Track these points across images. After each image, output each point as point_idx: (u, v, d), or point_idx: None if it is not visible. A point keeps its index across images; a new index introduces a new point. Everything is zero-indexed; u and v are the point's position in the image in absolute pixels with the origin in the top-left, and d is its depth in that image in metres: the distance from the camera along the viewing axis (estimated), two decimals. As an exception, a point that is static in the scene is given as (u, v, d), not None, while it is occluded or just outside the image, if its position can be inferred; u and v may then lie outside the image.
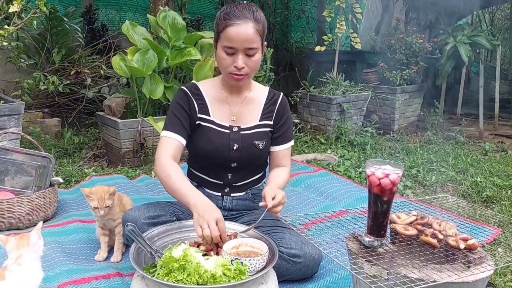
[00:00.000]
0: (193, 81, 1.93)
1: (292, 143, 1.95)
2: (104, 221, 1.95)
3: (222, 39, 1.68)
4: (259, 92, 1.91)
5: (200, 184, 1.94)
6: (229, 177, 1.88)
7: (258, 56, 1.72)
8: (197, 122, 1.83)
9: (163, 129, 1.80)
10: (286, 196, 1.65)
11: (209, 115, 1.83)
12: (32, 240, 1.50)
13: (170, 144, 1.75)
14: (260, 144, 1.85)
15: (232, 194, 1.91)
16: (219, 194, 1.91)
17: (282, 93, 1.95)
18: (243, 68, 1.70)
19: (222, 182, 1.89)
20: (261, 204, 1.63)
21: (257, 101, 1.89)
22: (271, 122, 1.89)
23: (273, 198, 1.60)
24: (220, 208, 1.91)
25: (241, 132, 1.84)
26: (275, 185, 1.76)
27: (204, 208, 1.52)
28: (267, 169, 2.00)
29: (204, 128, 1.83)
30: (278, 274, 1.56)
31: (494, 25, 8.34)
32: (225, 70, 1.73)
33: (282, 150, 1.91)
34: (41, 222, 1.63)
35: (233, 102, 1.86)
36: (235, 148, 1.82)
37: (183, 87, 1.87)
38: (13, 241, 1.49)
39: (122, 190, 2.60)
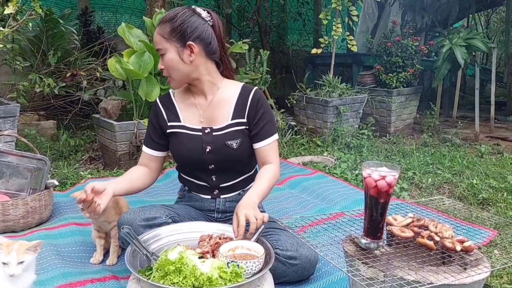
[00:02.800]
0: (170, 89, 1.94)
1: (275, 137, 1.86)
2: (99, 223, 1.94)
3: None
4: (230, 91, 1.86)
5: (190, 188, 1.94)
6: (214, 179, 1.86)
7: (168, 57, 1.75)
8: (168, 131, 1.86)
9: None
10: (257, 210, 1.61)
11: (180, 121, 1.85)
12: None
13: (143, 156, 1.93)
14: (234, 143, 1.81)
15: (222, 196, 1.90)
16: (209, 196, 1.90)
17: (255, 88, 1.88)
18: (162, 69, 1.78)
19: (208, 185, 1.88)
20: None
21: (227, 100, 1.84)
22: (245, 120, 1.83)
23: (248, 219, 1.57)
24: (213, 210, 1.91)
25: (213, 134, 1.82)
26: (255, 195, 1.70)
27: None
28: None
29: (177, 134, 1.85)
30: (275, 276, 1.56)
31: (490, 27, 8.39)
32: None
33: (264, 146, 1.83)
34: (41, 243, 1.48)
35: (201, 104, 1.86)
36: (207, 150, 1.80)
37: (156, 99, 1.94)
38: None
39: (118, 193, 2.58)
